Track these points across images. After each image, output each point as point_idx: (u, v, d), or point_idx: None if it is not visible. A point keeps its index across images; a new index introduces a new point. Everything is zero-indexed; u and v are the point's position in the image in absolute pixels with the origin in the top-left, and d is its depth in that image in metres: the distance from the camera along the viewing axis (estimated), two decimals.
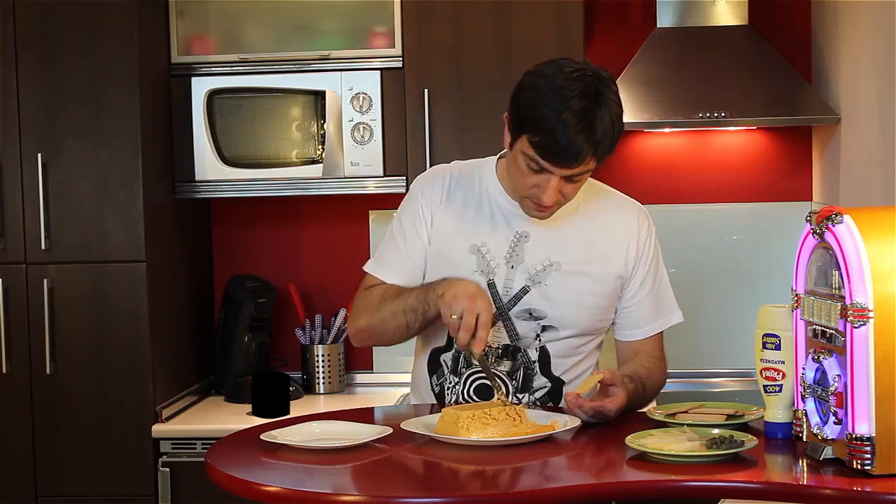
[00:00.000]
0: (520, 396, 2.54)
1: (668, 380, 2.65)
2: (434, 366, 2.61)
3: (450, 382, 2.58)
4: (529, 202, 2.44)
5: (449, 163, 2.68)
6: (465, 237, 2.54)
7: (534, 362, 2.54)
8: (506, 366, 2.54)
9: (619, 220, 2.60)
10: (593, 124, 2.30)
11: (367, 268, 2.63)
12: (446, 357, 2.58)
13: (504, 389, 2.47)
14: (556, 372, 2.56)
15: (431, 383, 2.61)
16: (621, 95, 2.41)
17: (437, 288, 2.42)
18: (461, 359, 2.56)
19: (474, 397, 2.54)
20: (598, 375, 2.36)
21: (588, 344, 2.60)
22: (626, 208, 2.63)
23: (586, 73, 2.34)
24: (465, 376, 2.56)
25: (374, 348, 4.05)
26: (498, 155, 2.62)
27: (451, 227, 2.56)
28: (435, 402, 2.60)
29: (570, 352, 2.57)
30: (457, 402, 2.55)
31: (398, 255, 2.58)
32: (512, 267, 2.52)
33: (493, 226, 2.54)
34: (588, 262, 2.54)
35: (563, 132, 2.29)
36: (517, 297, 2.52)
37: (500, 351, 2.53)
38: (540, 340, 2.54)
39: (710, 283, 4.03)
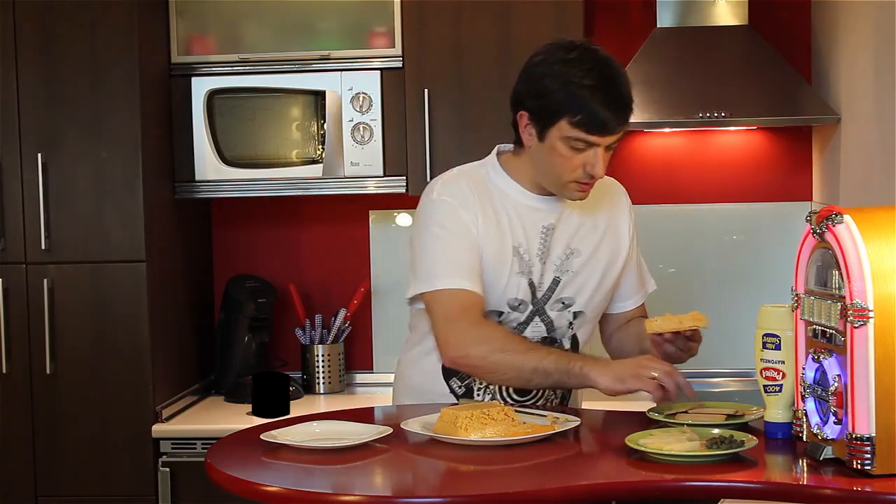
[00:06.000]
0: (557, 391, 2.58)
1: None
2: (452, 370, 2.56)
3: (480, 382, 2.56)
4: (574, 185, 2.47)
5: (452, 166, 2.65)
6: (506, 239, 2.53)
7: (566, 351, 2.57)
8: None
9: (614, 200, 2.67)
10: (620, 89, 2.41)
11: (423, 288, 2.49)
12: None
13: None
14: None
15: (451, 386, 2.59)
16: None
17: (588, 369, 2.37)
18: None
19: (514, 395, 2.55)
20: (691, 320, 2.39)
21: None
22: (613, 187, 2.70)
23: (586, 48, 2.44)
24: None
25: (374, 347, 4.06)
26: (495, 154, 2.61)
27: (490, 230, 2.52)
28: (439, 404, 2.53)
29: (589, 335, 2.65)
30: (493, 399, 2.54)
31: (465, 258, 2.48)
32: (543, 263, 2.55)
33: (522, 225, 2.55)
34: (601, 244, 2.61)
35: (599, 103, 2.37)
36: (550, 290, 2.55)
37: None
38: (572, 328, 2.58)
39: (710, 283, 4.03)
